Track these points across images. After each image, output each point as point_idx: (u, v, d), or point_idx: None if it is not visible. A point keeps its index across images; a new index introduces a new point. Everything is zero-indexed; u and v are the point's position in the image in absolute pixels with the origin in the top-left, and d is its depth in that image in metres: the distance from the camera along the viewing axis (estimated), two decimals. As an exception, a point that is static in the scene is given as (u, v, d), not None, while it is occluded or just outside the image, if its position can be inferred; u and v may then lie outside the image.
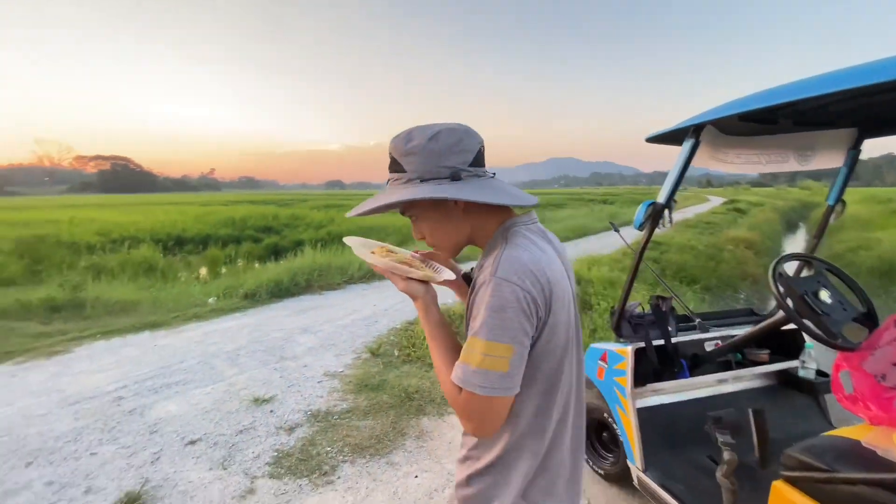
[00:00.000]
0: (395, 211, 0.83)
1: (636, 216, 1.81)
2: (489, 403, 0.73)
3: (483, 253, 0.86)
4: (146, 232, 15.11)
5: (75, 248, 12.35)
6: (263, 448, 2.53)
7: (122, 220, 17.99)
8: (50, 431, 2.73)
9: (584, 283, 6.57)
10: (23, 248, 11.57)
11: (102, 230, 15.23)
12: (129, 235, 14.23)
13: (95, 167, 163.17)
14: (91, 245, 12.41)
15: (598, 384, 2.08)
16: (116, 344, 4.40)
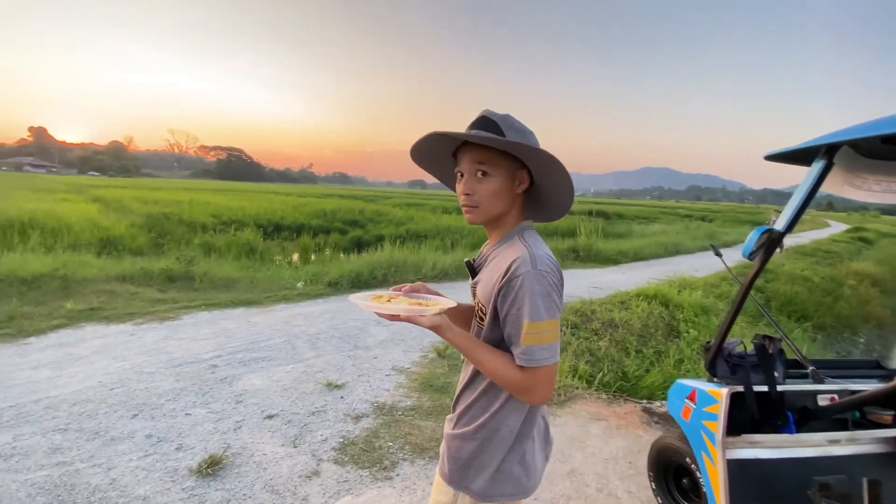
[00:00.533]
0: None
1: (747, 243, 1.59)
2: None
3: (496, 243, 1.01)
4: (251, 217, 16.67)
5: (192, 226, 13.99)
6: (331, 433, 2.63)
7: (232, 205, 20.04)
8: (155, 388, 3.09)
9: (673, 307, 6.04)
10: (151, 223, 13.37)
11: (215, 212, 17.08)
12: (236, 219, 15.79)
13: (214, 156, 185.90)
14: (205, 225, 14.00)
15: (683, 425, 1.86)
16: (217, 316, 4.89)
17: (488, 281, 0.95)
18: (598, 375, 3.66)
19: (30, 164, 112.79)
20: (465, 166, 0.96)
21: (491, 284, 0.93)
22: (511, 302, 0.88)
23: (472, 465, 0.98)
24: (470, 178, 0.95)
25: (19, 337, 4.01)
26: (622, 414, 2.93)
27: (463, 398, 1.04)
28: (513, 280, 0.87)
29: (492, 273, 0.95)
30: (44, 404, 2.85)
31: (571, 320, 4.99)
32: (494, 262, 0.97)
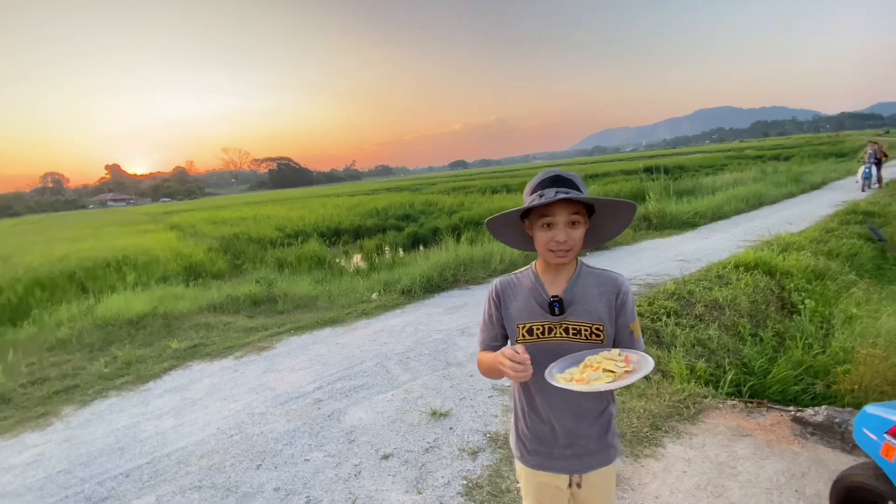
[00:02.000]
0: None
1: None
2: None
3: (573, 275, 1.24)
4: (311, 226, 17.21)
5: (262, 243, 14.66)
6: (452, 473, 2.54)
7: (292, 216, 20.82)
8: (270, 432, 3.16)
9: (781, 276, 5.43)
10: (225, 245, 14.16)
11: (279, 225, 17.81)
12: (299, 230, 16.37)
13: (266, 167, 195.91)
14: (272, 240, 14.63)
15: (885, 466, 1.54)
16: (307, 341, 5.00)
17: (596, 307, 1.21)
18: (720, 376, 3.31)
19: (111, 200, 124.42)
20: (561, 218, 1.14)
21: (603, 306, 1.21)
22: (623, 309, 1.23)
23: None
24: (565, 227, 1.14)
25: (139, 383, 4.30)
26: (768, 426, 2.59)
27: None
28: (621, 295, 1.22)
29: (593, 299, 1.21)
30: (176, 458, 2.99)
31: (669, 306, 4.59)
32: (589, 290, 1.22)
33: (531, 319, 1.23)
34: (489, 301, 1.32)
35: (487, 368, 1.24)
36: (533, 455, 1.30)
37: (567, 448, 1.26)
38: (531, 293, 1.25)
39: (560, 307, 1.21)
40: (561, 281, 1.24)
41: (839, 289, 5.34)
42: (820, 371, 3.59)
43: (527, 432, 1.31)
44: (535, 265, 1.29)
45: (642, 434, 2.64)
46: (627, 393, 3.10)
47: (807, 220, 9.42)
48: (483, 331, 1.34)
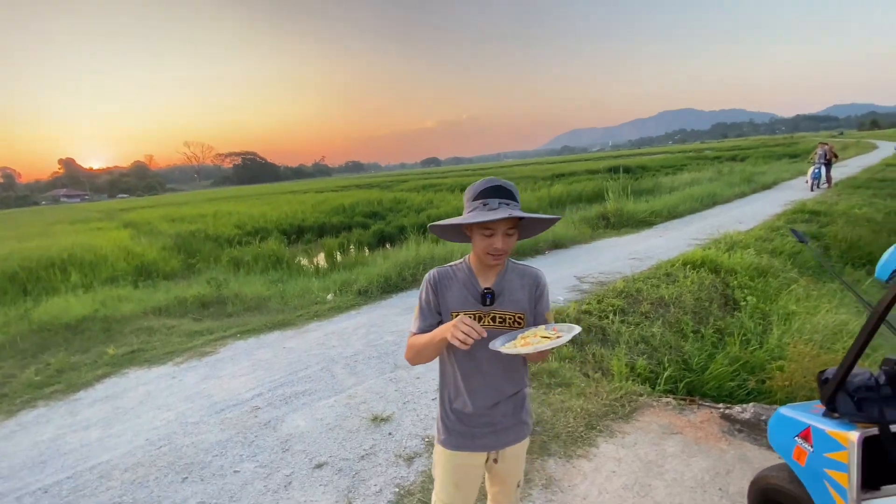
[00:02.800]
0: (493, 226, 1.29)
1: (884, 261, 1.26)
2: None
3: (501, 270, 1.40)
4: (273, 223, 16.75)
5: (219, 241, 14.15)
6: (385, 481, 2.48)
7: (254, 213, 20.21)
8: (201, 442, 3.01)
9: (725, 273, 5.62)
10: (180, 244, 13.59)
11: (239, 223, 17.24)
12: (259, 227, 15.89)
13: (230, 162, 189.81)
14: (230, 238, 14.14)
15: (797, 469, 1.57)
16: (252, 345, 4.82)
17: (520, 298, 1.38)
18: (660, 373, 3.38)
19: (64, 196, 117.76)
20: (500, 229, 1.28)
21: (525, 297, 1.39)
22: (540, 302, 1.42)
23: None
24: (502, 237, 1.28)
25: (69, 392, 4.04)
26: (698, 423, 2.66)
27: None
28: (540, 288, 1.43)
29: (517, 291, 1.39)
30: (98, 472, 2.81)
31: (617, 304, 4.68)
32: (514, 284, 1.39)
33: (464, 308, 1.37)
34: (427, 288, 1.40)
35: (424, 344, 1.31)
36: (456, 436, 1.44)
37: (487, 426, 1.42)
38: (465, 285, 1.38)
39: (491, 298, 1.36)
40: (491, 275, 1.39)
41: (780, 286, 5.57)
42: (756, 367, 3.72)
43: (451, 415, 1.44)
44: (469, 260, 1.43)
45: (577, 434, 2.66)
46: (566, 392, 3.12)
47: (756, 219, 9.83)
48: (419, 318, 1.41)
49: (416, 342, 1.34)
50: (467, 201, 1.31)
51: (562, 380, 3.30)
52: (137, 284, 8.75)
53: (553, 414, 2.87)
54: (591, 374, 3.37)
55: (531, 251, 8.22)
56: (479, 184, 1.29)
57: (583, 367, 3.54)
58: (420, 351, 1.33)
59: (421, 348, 1.32)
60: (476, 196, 1.27)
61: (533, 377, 3.41)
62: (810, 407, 1.57)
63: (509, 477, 1.54)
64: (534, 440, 2.64)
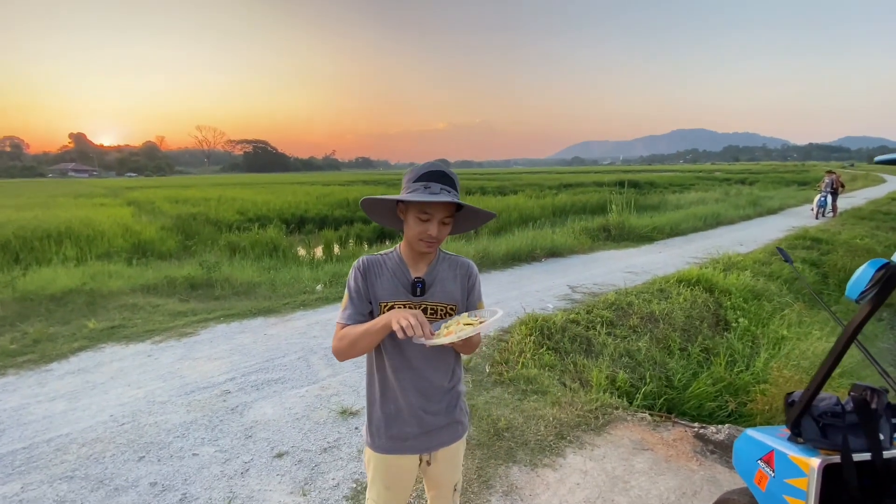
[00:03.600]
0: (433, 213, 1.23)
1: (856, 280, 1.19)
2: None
3: (432, 260, 1.34)
4: (276, 212, 16.72)
5: (219, 225, 14.15)
6: (344, 475, 2.41)
7: (258, 200, 20.21)
8: (164, 423, 2.95)
9: (719, 293, 5.53)
10: (180, 225, 13.58)
11: (242, 209, 17.23)
12: (261, 215, 15.87)
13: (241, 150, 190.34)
14: (230, 223, 14.12)
15: (757, 494, 1.50)
16: (234, 329, 4.77)
17: (451, 289, 1.34)
18: (640, 388, 3.30)
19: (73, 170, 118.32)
20: (438, 216, 1.23)
21: (457, 288, 1.34)
22: (472, 291, 1.37)
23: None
24: (438, 224, 1.23)
25: (41, 363, 3.99)
26: (671, 441, 2.57)
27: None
28: (472, 278, 1.38)
29: (449, 281, 1.34)
30: (55, 444, 2.76)
31: (606, 316, 4.60)
32: (445, 274, 1.34)
33: (394, 298, 1.29)
34: (356, 276, 1.32)
35: (362, 334, 1.21)
36: (385, 439, 1.35)
37: (418, 426, 1.34)
38: (395, 274, 1.31)
39: (422, 288, 1.30)
40: (422, 265, 1.33)
41: (774, 310, 5.48)
42: (740, 389, 3.64)
43: (381, 416, 1.36)
44: (400, 248, 1.36)
45: (546, 443, 2.58)
46: (541, 400, 3.04)
47: (757, 242, 9.72)
48: (349, 306, 1.31)
49: (351, 332, 1.23)
50: (408, 182, 1.23)
51: (538, 387, 3.22)
52: (131, 262, 8.71)
53: (524, 421, 2.79)
54: (568, 383, 3.29)
55: (527, 258, 8.15)
56: (422, 166, 1.23)
57: (562, 376, 3.46)
58: (355, 341, 1.22)
59: (357, 338, 1.21)
60: (418, 178, 1.21)
61: (509, 383, 3.34)
62: (778, 431, 1.50)
63: (444, 480, 1.45)
64: (500, 446, 2.57)
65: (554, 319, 4.41)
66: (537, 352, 3.74)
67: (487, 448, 2.55)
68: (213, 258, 8.08)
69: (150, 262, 8.75)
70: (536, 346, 3.83)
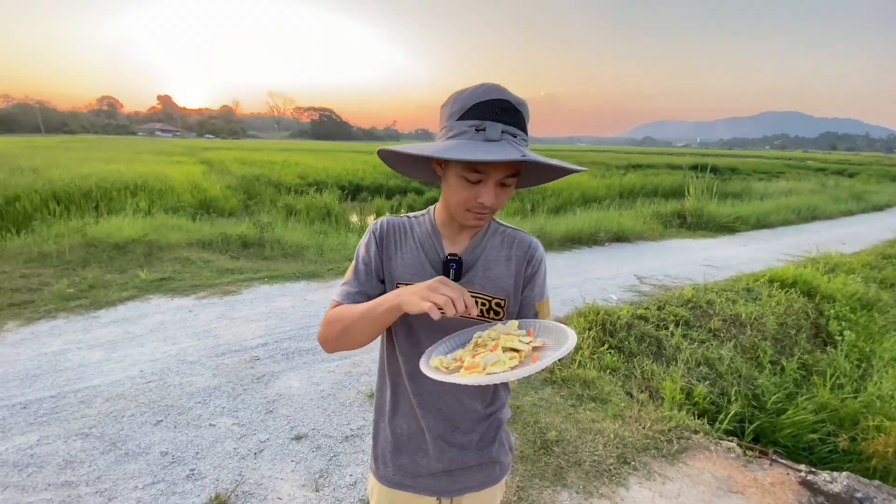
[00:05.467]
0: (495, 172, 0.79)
1: None
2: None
3: (479, 232, 0.93)
4: (334, 178, 16.88)
5: (279, 187, 14.47)
6: (363, 473, 2.11)
7: (319, 166, 20.53)
8: (189, 385, 2.81)
9: (821, 299, 4.68)
10: (244, 185, 14.02)
11: (303, 173, 17.57)
12: (320, 180, 16.09)
13: (308, 117, 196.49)
14: (290, 186, 14.40)
15: None
16: (276, 291, 4.64)
17: (501, 275, 0.92)
18: (723, 407, 2.73)
19: (160, 130, 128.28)
20: (496, 175, 0.78)
21: (509, 274, 0.92)
22: (538, 286, 0.96)
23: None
24: (495, 187, 0.80)
25: (91, 309, 4.05)
26: (767, 486, 2.03)
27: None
28: (536, 263, 0.95)
29: (499, 264, 0.92)
30: (81, 396, 2.69)
31: (681, 315, 3.97)
32: (495, 253, 0.93)
33: (416, 280, 0.89)
34: (369, 242, 0.94)
35: (360, 316, 0.81)
36: (392, 469, 1.00)
37: (438, 461, 0.96)
38: (422, 246, 0.93)
39: (457, 270, 0.91)
40: (462, 238, 0.93)
41: (888, 324, 4.56)
42: (846, 419, 2.95)
43: (388, 436, 1.00)
44: (435, 211, 0.96)
45: (604, 466, 2.12)
46: (600, 410, 2.56)
47: (863, 242, 8.36)
48: (352, 281, 0.93)
49: (345, 314, 0.84)
50: (450, 117, 0.78)
51: (597, 393, 2.74)
52: (195, 217, 9.01)
53: (578, 434, 2.34)
54: (634, 392, 2.78)
55: (588, 241, 7.46)
56: (472, 91, 0.76)
57: (626, 382, 2.95)
58: (348, 327, 0.83)
59: (351, 322, 0.82)
60: (467, 111, 0.75)
61: (562, 383, 2.88)
62: None
63: None
64: (547, 463, 2.15)
65: (618, 314, 3.85)
66: (597, 350, 3.25)
67: (532, 464, 2.14)
68: (267, 218, 8.13)
69: (211, 219, 9.01)
70: (596, 344, 3.33)
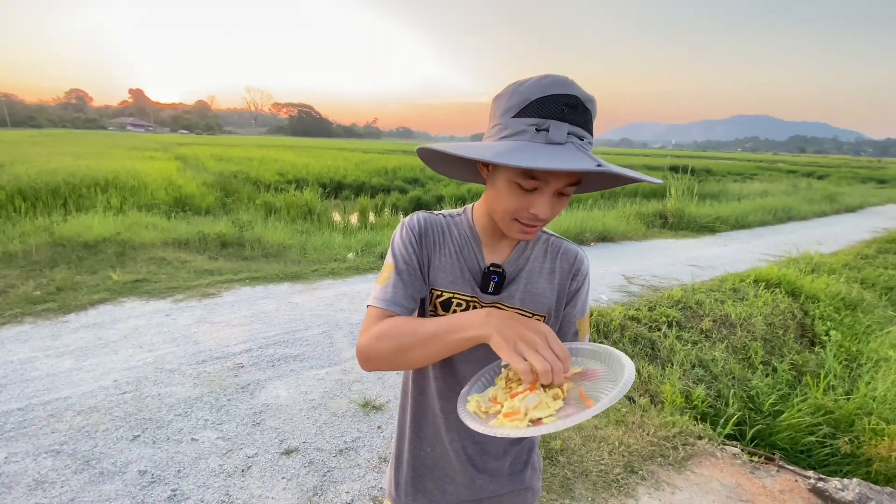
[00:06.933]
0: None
1: None
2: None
3: (524, 241, 0.83)
4: (314, 175, 16.55)
5: (258, 185, 14.09)
6: (360, 488, 1.99)
7: (298, 163, 20.10)
8: (168, 396, 2.63)
9: (805, 299, 4.75)
10: (221, 182, 13.60)
11: (282, 170, 17.17)
12: (300, 177, 15.75)
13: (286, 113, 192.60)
14: (269, 184, 14.03)
15: None
16: (258, 293, 4.45)
17: (543, 290, 0.82)
18: (721, 410, 2.71)
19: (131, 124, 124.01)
20: (554, 184, 0.67)
21: (552, 289, 0.83)
22: (581, 302, 0.86)
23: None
24: (551, 198, 0.68)
25: (59, 313, 3.80)
26: (777, 493, 1.99)
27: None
28: (581, 277, 0.85)
29: (542, 277, 0.83)
30: (51, 409, 2.49)
31: (672, 315, 3.96)
32: (539, 266, 0.83)
33: (452, 288, 0.81)
34: (408, 238, 0.81)
35: (429, 337, 0.67)
36: (412, 496, 0.91)
37: (467, 489, 0.88)
38: (460, 252, 0.82)
39: (498, 283, 0.80)
40: (504, 246, 0.83)
41: (872, 324, 4.65)
42: (842, 421, 2.97)
43: (410, 460, 0.91)
44: (473, 213, 0.84)
45: (612, 476, 2.06)
46: (603, 416, 2.50)
47: (839, 242, 8.60)
48: (395, 284, 0.78)
49: (405, 329, 0.70)
50: (504, 113, 0.67)
51: (597, 397, 2.69)
52: (170, 216, 8.67)
53: (583, 443, 2.27)
54: (635, 397, 2.73)
55: (575, 241, 7.46)
56: (535, 83, 0.65)
57: (624, 385, 2.90)
58: (412, 346, 0.68)
59: (418, 342, 0.67)
60: (527, 106, 0.64)
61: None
62: None
63: None
64: (554, 474, 2.06)
65: (611, 315, 3.81)
66: (594, 352, 3.19)
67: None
68: (247, 217, 7.87)
69: (187, 217, 8.68)
70: (593, 346, 3.28)
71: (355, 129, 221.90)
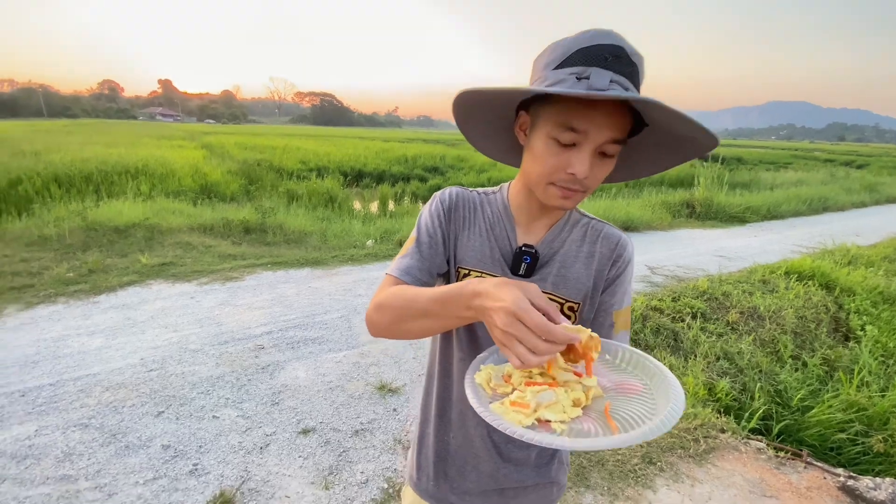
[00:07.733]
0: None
1: None
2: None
3: (559, 219, 0.78)
4: (335, 163, 16.68)
5: (281, 172, 14.29)
6: (375, 469, 2.01)
7: (320, 151, 20.30)
8: (192, 374, 2.70)
9: (840, 292, 4.54)
10: (245, 169, 13.85)
11: (304, 158, 17.37)
12: (322, 165, 15.90)
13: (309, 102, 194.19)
14: (291, 171, 14.21)
15: None
16: (279, 278, 4.52)
17: (580, 274, 0.77)
18: (746, 404, 2.62)
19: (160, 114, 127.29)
20: (596, 137, 0.61)
21: (589, 275, 0.77)
22: (621, 291, 0.78)
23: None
24: (593, 155, 0.63)
25: (91, 294, 3.94)
26: (804, 490, 1.92)
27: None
28: (622, 263, 0.78)
29: (579, 261, 0.77)
30: (81, 384, 2.59)
31: (697, 307, 3.85)
32: (576, 248, 0.78)
33: (481, 267, 0.78)
34: (436, 211, 0.79)
35: (425, 307, 0.64)
36: (434, 483, 0.88)
37: (490, 478, 0.85)
38: (492, 230, 0.79)
39: (530, 264, 0.76)
40: (539, 226, 0.78)
41: (911, 319, 4.43)
42: (875, 419, 2.84)
43: (433, 446, 0.88)
44: (509, 190, 0.81)
45: (629, 467, 2.02)
46: (622, 406, 2.45)
47: (879, 234, 8.19)
48: (412, 254, 0.76)
49: (406, 295, 0.67)
50: (545, 67, 0.63)
51: (616, 387, 2.64)
52: (196, 202, 8.88)
53: (600, 431, 2.24)
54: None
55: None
56: (576, 38, 0.61)
57: (645, 375, 2.84)
58: (409, 314, 0.66)
59: (417, 309, 0.65)
60: (569, 57, 0.60)
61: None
62: None
63: None
64: (570, 463, 2.03)
65: (633, 307, 3.73)
66: (614, 342, 3.13)
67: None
68: (269, 204, 8.00)
69: (212, 204, 8.87)
70: (613, 335, 3.22)
71: (376, 117, 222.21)
